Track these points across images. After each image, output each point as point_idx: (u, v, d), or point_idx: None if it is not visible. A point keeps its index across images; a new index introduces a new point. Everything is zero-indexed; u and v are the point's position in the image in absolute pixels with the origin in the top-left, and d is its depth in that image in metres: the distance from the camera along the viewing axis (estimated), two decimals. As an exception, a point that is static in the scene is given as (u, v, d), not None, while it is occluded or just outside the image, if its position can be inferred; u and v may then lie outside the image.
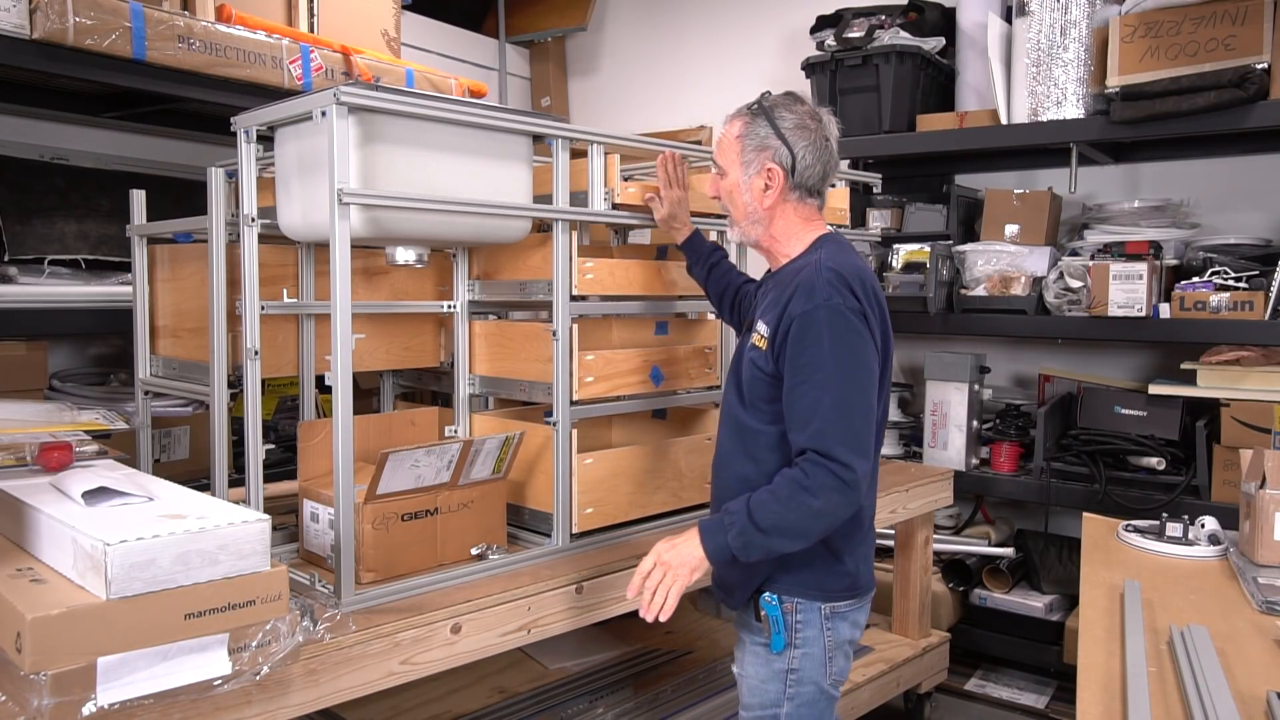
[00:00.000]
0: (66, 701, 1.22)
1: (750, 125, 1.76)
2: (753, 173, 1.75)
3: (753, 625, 1.77)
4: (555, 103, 4.80)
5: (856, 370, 1.61)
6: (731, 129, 1.78)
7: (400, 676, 1.67)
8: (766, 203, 1.76)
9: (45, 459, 1.67)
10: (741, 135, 1.76)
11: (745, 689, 1.80)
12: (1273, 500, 1.94)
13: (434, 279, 2.37)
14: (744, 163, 1.76)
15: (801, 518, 1.58)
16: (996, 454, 3.33)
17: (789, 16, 4.12)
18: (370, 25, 3.18)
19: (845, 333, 1.61)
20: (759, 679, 1.76)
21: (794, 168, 1.73)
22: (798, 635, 1.72)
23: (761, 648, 1.75)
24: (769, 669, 1.74)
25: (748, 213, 1.78)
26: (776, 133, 1.73)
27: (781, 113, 1.75)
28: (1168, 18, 2.87)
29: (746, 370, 1.74)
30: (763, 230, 1.79)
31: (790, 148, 1.73)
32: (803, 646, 1.72)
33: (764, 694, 1.75)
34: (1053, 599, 3.18)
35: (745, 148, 1.75)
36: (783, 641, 1.72)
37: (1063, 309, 3.12)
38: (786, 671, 1.72)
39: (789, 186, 1.74)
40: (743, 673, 1.81)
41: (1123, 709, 1.36)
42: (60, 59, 2.31)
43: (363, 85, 1.83)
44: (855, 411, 1.59)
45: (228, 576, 1.34)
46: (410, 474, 1.85)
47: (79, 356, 3.12)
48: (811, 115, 1.76)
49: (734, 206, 1.80)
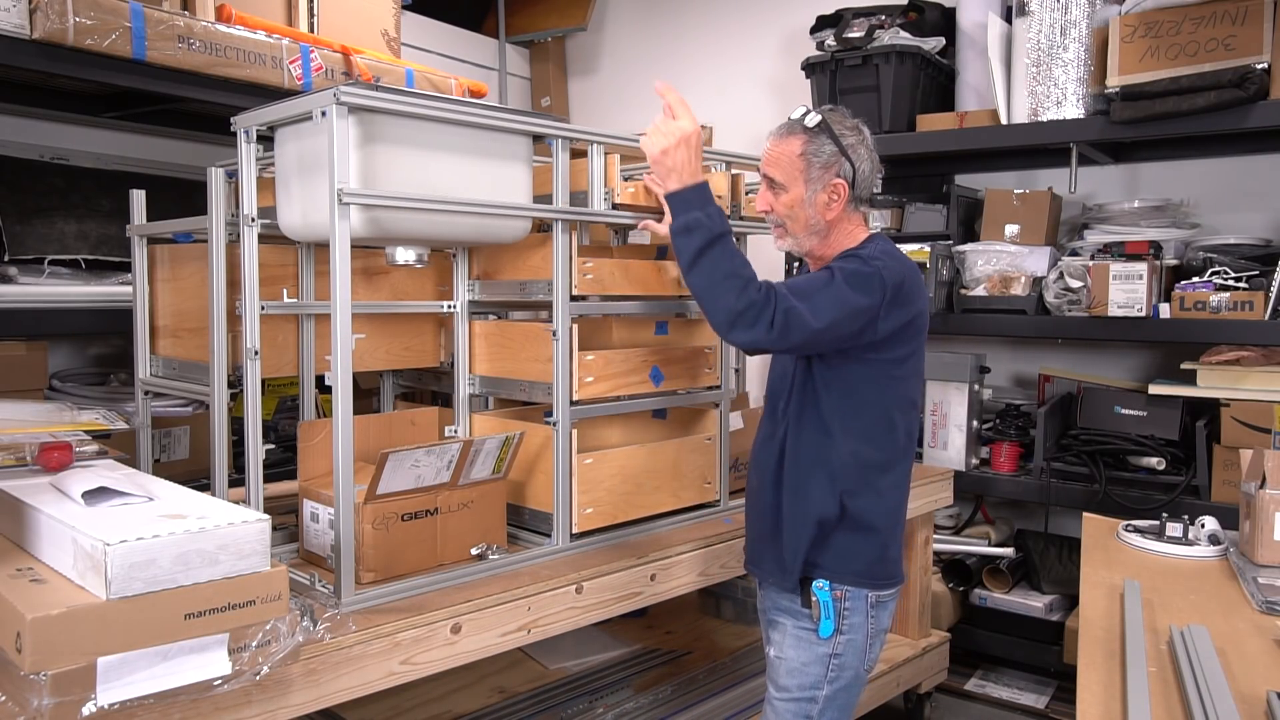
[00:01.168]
0: (66, 701, 1.22)
1: (812, 142, 1.80)
2: (818, 188, 1.80)
3: (797, 610, 1.83)
4: (555, 103, 4.80)
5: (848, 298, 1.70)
6: (790, 146, 1.81)
7: (400, 676, 1.67)
8: (830, 215, 1.82)
9: (45, 459, 1.67)
10: (805, 153, 1.80)
11: (783, 671, 1.84)
12: (1273, 500, 1.94)
13: (434, 279, 2.37)
14: (808, 179, 1.80)
15: (716, 291, 1.69)
16: (996, 454, 3.33)
17: (789, 16, 4.12)
18: (370, 25, 3.18)
19: (862, 280, 1.71)
20: (801, 662, 1.81)
21: (855, 181, 1.81)
22: (845, 622, 1.79)
23: (807, 632, 1.81)
24: (813, 653, 1.80)
25: (809, 225, 1.83)
26: (840, 148, 1.80)
27: (840, 129, 1.81)
28: (1168, 18, 2.87)
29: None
30: (819, 240, 1.86)
31: (852, 162, 1.80)
32: (848, 633, 1.80)
33: (805, 676, 1.81)
34: (1053, 599, 3.18)
35: (811, 165, 1.80)
36: (832, 627, 1.78)
37: (1063, 309, 3.12)
38: (830, 656, 1.80)
39: (850, 198, 1.82)
40: (781, 655, 1.85)
41: (1123, 709, 1.36)
42: (60, 59, 2.31)
43: (363, 85, 1.84)
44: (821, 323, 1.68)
45: (228, 576, 1.34)
46: (410, 474, 1.85)
47: (79, 356, 3.12)
48: (858, 127, 1.85)
49: (794, 220, 1.84)
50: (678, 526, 2.29)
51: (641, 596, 2.10)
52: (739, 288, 1.68)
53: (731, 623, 3.07)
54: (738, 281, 1.69)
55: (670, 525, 2.29)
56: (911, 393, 1.86)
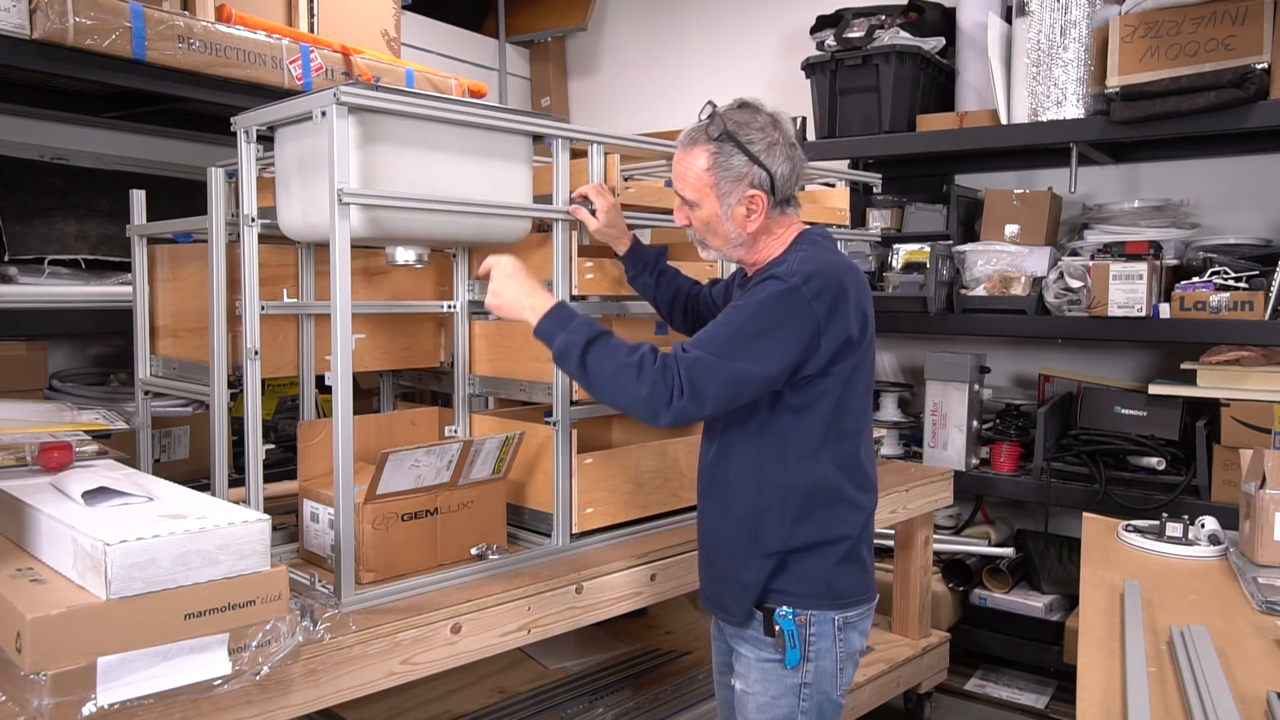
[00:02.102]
0: (66, 701, 1.22)
1: (719, 155, 1.64)
2: (733, 202, 1.66)
3: (760, 640, 1.71)
4: (555, 103, 4.80)
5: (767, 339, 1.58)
6: (695, 160, 1.66)
7: (400, 676, 1.67)
8: (751, 227, 1.68)
9: (45, 459, 1.67)
10: (712, 167, 1.65)
11: (752, 706, 1.72)
12: (1273, 500, 1.94)
13: (434, 279, 2.37)
14: (720, 195, 1.66)
15: (615, 387, 1.60)
16: (996, 454, 3.33)
17: (789, 16, 4.12)
18: (370, 25, 3.18)
19: (782, 308, 1.58)
20: (770, 695, 1.70)
21: (774, 186, 1.66)
22: (811, 648, 1.68)
23: (772, 664, 1.69)
24: (781, 684, 1.69)
25: (730, 239, 1.71)
26: (751, 158, 1.64)
27: (748, 134, 1.64)
28: (1168, 18, 2.87)
29: None
30: (746, 250, 1.73)
31: (767, 168, 1.64)
32: (816, 660, 1.68)
33: (775, 710, 1.70)
34: (1053, 599, 3.18)
35: (720, 180, 1.65)
36: (798, 656, 1.67)
37: (1063, 309, 3.12)
38: (800, 686, 1.68)
39: (771, 205, 1.67)
40: (748, 690, 1.73)
41: (1123, 709, 1.36)
42: (60, 59, 2.31)
43: (363, 85, 1.83)
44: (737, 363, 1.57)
45: (228, 576, 1.34)
46: (410, 474, 1.85)
47: (79, 356, 3.12)
48: (772, 124, 1.67)
49: (714, 235, 1.71)
50: (678, 526, 2.29)
51: (641, 596, 2.10)
52: (634, 375, 1.56)
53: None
54: (630, 370, 1.57)
55: (670, 525, 2.28)
56: (863, 400, 1.72)
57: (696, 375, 1.55)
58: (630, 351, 1.59)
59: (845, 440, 1.69)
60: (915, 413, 3.68)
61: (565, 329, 1.64)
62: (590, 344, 1.61)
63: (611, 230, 2.05)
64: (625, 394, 1.59)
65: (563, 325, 1.65)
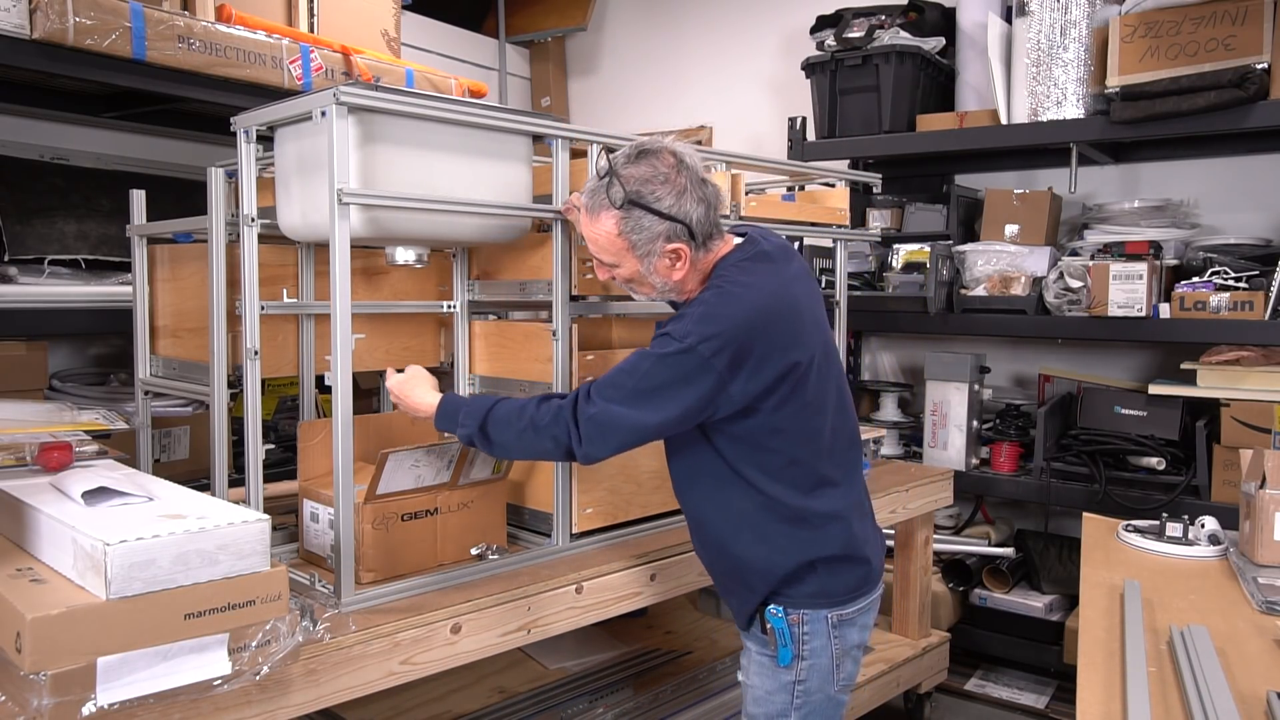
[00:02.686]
0: (66, 701, 1.21)
1: (626, 220, 1.59)
2: (655, 259, 1.62)
3: (758, 636, 1.74)
4: (555, 103, 4.80)
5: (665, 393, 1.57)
6: (604, 226, 1.61)
7: (400, 676, 1.67)
8: (678, 275, 1.65)
9: (45, 459, 1.67)
10: (624, 232, 1.60)
11: (750, 698, 1.78)
12: (1273, 500, 1.94)
13: (434, 279, 2.37)
14: (640, 255, 1.62)
15: (514, 436, 1.66)
16: (996, 454, 3.33)
17: (789, 16, 4.12)
18: (370, 25, 3.18)
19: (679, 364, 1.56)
20: (765, 690, 1.73)
21: (693, 232, 1.61)
22: (804, 647, 1.69)
23: (768, 659, 1.72)
24: (776, 681, 1.71)
25: (659, 288, 1.69)
26: (662, 216, 1.58)
27: (654, 191, 1.58)
28: (1168, 18, 2.87)
29: None
30: (678, 294, 1.71)
31: (682, 220, 1.59)
32: (810, 658, 1.69)
33: (770, 705, 1.73)
34: (1053, 599, 3.18)
35: (635, 242, 1.60)
36: (790, 654, 1.68)
37: (1063, 309, 3.11)
38: (794, 683, 1.70)
39: (695, 248, 1.63)
40: (748, 682, 1.78)
41: (1123, 709, 1.36)
42: (60, 59, 2.31)
43: (363, 85, 1.84)
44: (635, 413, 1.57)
45: (227, 576, 1.34)
46: (410, 474, 1.85)
47: (79, 356, 3.12)
48: (675, 168, 1.61)
49: (642, 286, 1.70)
50: (678, 526, 2.29)
51: (641, 596, 2.10)
52: (533, 435, 1.63)
53: (731, 623, 3.07)
54: (528, 433, 1.63)
55: (670, 525, 2.28)
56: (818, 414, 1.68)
57: (596, 426, 1.59)
58: (519, 414, 1.65)
59: (802, 462, 1.67)
60: (915, 413, 3.68)
61: (458, 421, 1.71)
62: (484, 425, 1.67)
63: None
64: (536, 451, 1.70)
65: (454, 418, 1.72)
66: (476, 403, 1.72)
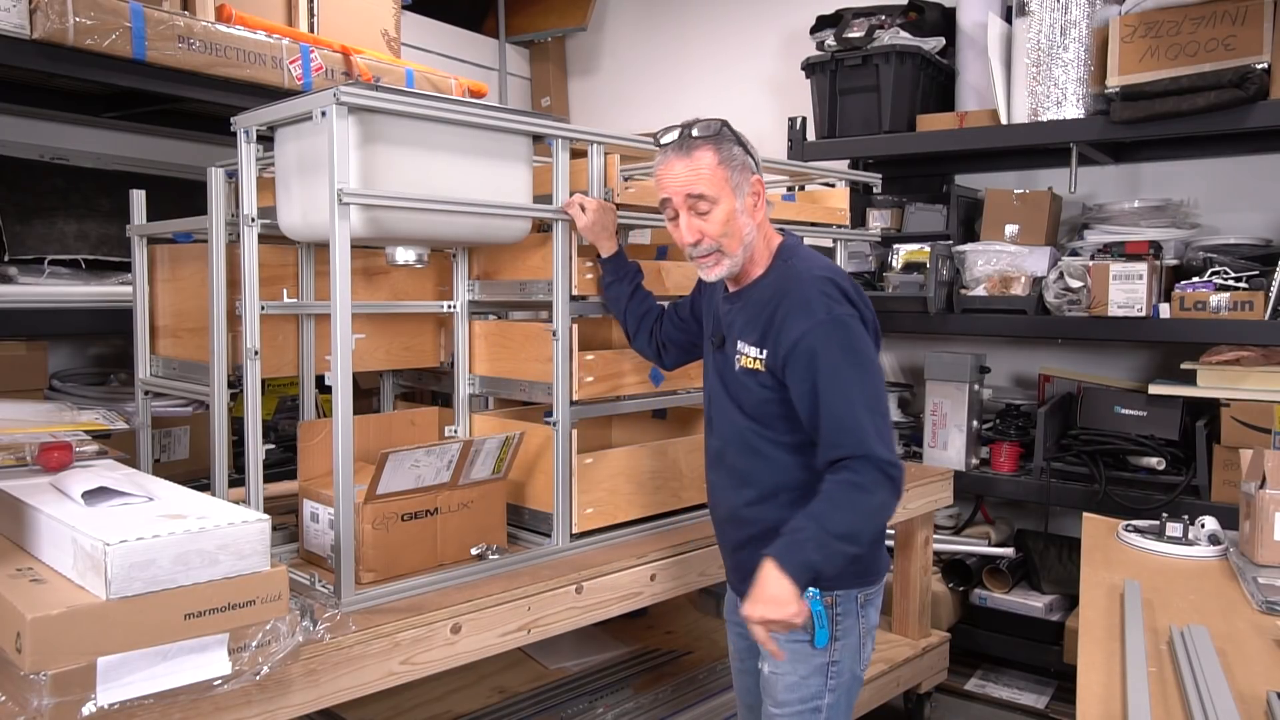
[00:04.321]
0: (66, 701, 1.22)
1: (721, 149, 1.68)
2: (745, 193, 1.69)
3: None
4: (555, 103, 4.79)
5: (871, 372, 1.66)
6: (702, 159, 1.67)
7: (400, 676, 1.67)
8: (759, 217, 1.72)
9: (45, 459, 1.67)
10: (722, 161, 1.67)
11: (781, 686, 1.76)
12: (1273, 500, 1.94)
13: (434, 279, 2.37)
14: (734, 186, 1.68)
15: (868, 517, 1.62)
16: (996, 454, 3.33)
17: (789, 16, 4.12)
18: (370, 25, 3.18)
19: (853, 340, 1.64)
20: (800, 675, 1.75)
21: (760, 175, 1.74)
22: (838, 627, 1.74)
23: (801, 644, 1.73)
24: (810, 664, 1.74)
25: (744, 237, 1.71)
26: (743, 146, 1.71)
27: (728, 128, 1.72)
28: (1168, 18, 2.87)
29: (749, 394, 1.74)
30: (749, 253, 1.74)
31: (754, 156, 1.72)
32: (843, 638, 1.75)
33: (805, 689, 1.75)
34: (1053, 599, 3.18)
35: (731, 171, 1.68)
36: (827, 636, 1.73)
37: (1063, 309, 3.11)
38: (828, 665, 1.74)
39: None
40: (777, 671, 1.77)
41: (1123, 709, 1.36)
42: (60, 59, 2.31)
43: (363, 85, 1.84)
44: (879, 410, 1.65)
45: (227, 576, 1.34)
46: (410, 474, 1.85)
47: (79, 356, 3.12)
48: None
49: (731, 238, 1.70)
50: (677, 526, 2.29)
51: (641, 596, 2.10)
52: (867, 504, 1.60)
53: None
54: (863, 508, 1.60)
55: (670, 525, 2.29)
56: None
57: (872, 450, 1.59)
58: (835, 497, 1.59)
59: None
60: (915, 412, 3.68)
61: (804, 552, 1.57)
62: (823, 531, 1.57)
63: (599, 230, 2.06)
64: (880, 512, 1.65)
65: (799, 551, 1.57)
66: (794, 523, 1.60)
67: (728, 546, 1.90)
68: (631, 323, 2.09)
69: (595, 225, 2.04)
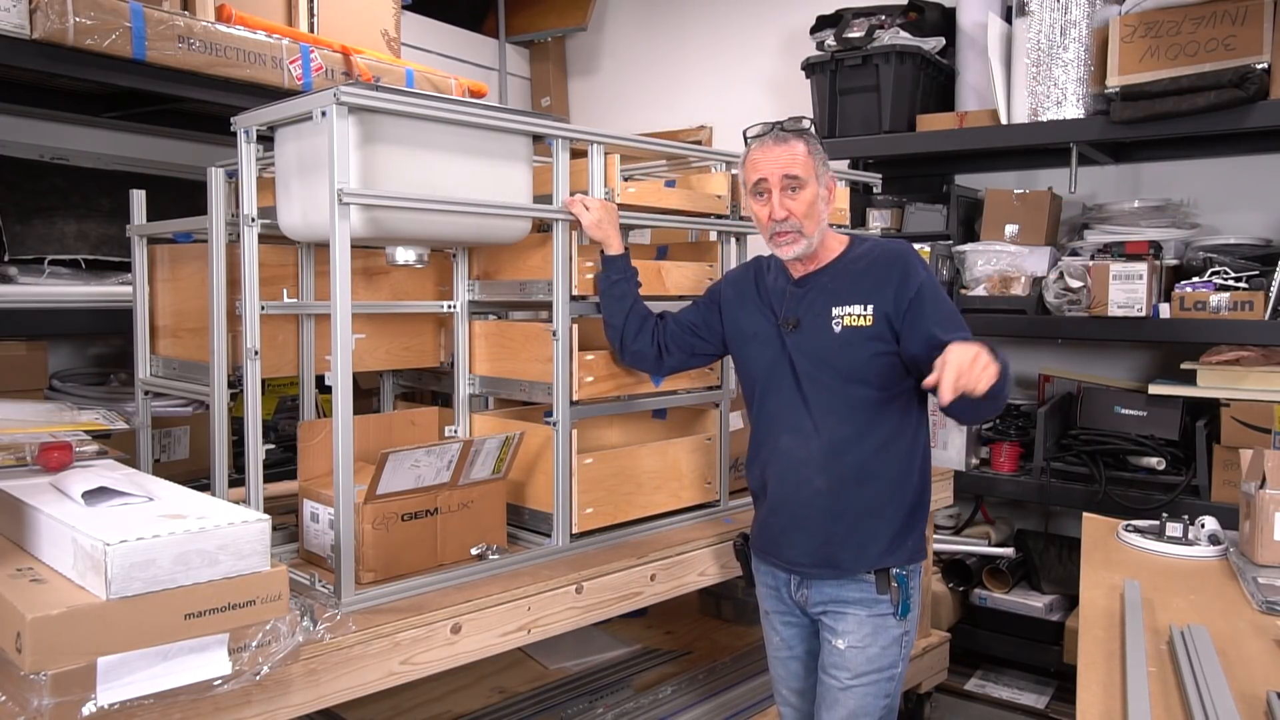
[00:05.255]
0: (66, 701, 1.22)
1: (811, 143, 1.90)
2: (824, 183, 1.90)
3: (871, 599, 1.87)
4: (555, 103, 4.79)
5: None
6: (797, 147, 1.88)
7: (400, 676, 1.67)
8: (830, 208, 1.93)
9: (45, 459, 1.67)
10: (811, 152, 1.89)
11: (862, 659, 1.87)
12: (1273, 500, 1.94)
13: (434, 279, 2.37)
14: (819, 175, 1.89)
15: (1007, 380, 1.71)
16: (996, 454, 3.33)
17: (789, 16, 4.12)
18: (370, 25, 3.18)
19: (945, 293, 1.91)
20: (880, 646, 1.87)
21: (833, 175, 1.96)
22: (911, 599, 1.89)
23: (883, 617, 1.87)
24: (890, 635, 1.88)
25: (820, 223, 1.89)
26: (821, 148, 1.93)
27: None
28: (1168, 18, 2.87)
29: (851, 352, 1.86)
30: (820, 238, 1.91)
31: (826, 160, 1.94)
32: (914, 608, 1.91)
33: (883, 659, 1.87)
34: (1053, 599, 3.18)
35: (817, 162, 1.89)
36: (908, 606, 1.88)
37: (1063, 309, 3.11)
38: (903, 635, 1.90)
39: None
40: (857, 644, 1.87)
41: (1123, 709, 1.36)
42: (60, 59, 2.31)
43: (363, 85, 1.84)
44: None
45: (228, 576, 1.34)
46: (410, 474, 1.85)
47: (79, 356, 3.12)
48: None
49: (811, 220, 1.87)
50: (678, 526, 2.29)
51: (641, 596, 2.10)
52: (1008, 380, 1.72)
53: (731, 623, 3.07)
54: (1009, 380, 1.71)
55: (670, 525, 2.29)
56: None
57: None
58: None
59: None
60: (915, 413, 3.67)
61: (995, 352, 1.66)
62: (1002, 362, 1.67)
63: (604, 228, 2.07)
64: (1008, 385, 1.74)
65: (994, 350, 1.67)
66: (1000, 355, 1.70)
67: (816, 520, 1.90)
68: (634, 324, 2.10)
69: (602, 222, 2.06)
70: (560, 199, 2.05)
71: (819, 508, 1.89)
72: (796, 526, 1.92)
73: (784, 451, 1.92)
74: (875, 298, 1.85)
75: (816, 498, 1.89)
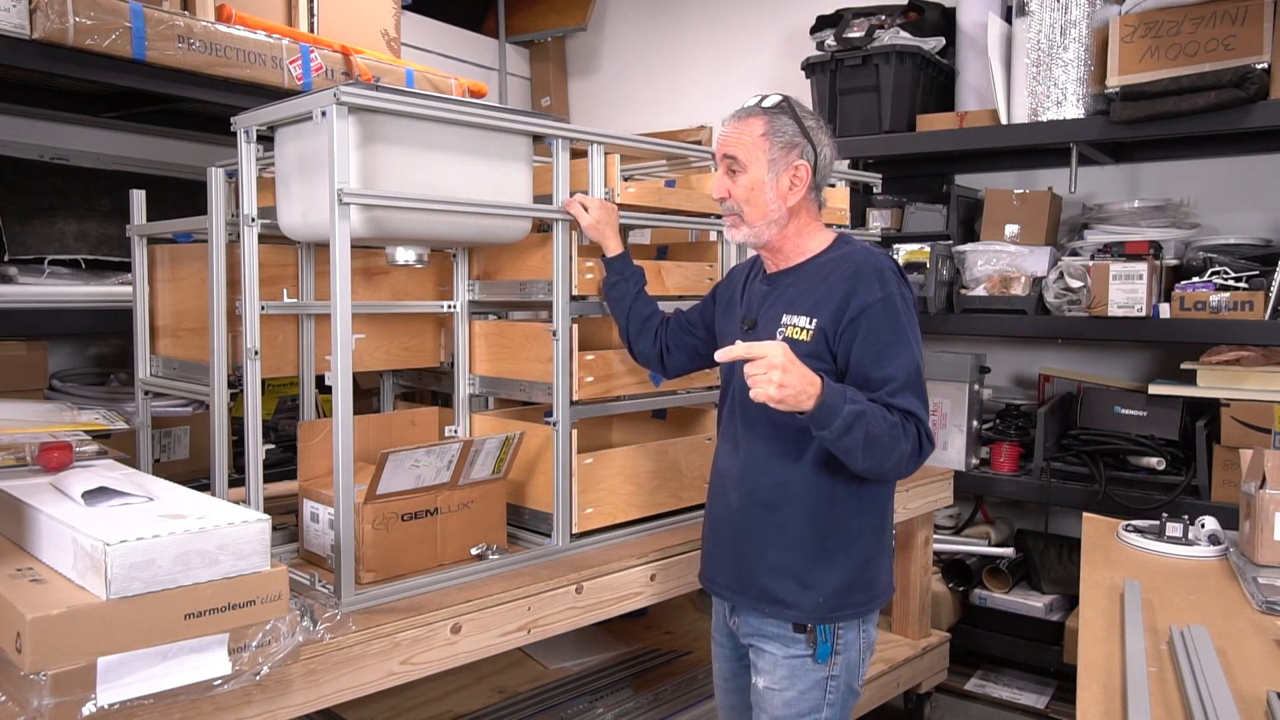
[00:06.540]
0: (66, 701, 1.22)
1: (774, 122, 1.72)
2: (779, 170, 1.72)
3: (788, 637, 1.75)
4: (555, 103, 4.79)
5: (921, 357, 1.70)
6: (751, 126, 1.73)
7: (400, 676, 1.67)
8: (790, 201, 1.73)
9: (45, 459, 1.67)
10: (767, 133, 1.72)
11: (779, 702, 1.75)
12: (1273, 500, 1.94)
13: (434, 279, 2.37)
14: (769, 160, 1.71)
15: (891, 451, 1.59)
16: (996, 454, 3.33)
17: (789, 16, 4.12)
18: (370, 25, 3.18)
19: (913, 320, 1.70)
20: (799, 690, 1.74)
21: (816, 166, 1.74)
22: (839, 641, 1.75)
23: (801, 659, 1.74)
24: (809, 679, 1.74)
25: (767, 213, 1.73)
26: (802, 129, 1.73)
27: (801, 111, 1.76)
28: (1168, 18, 2.87)
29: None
30: (778, 230, 1.75)
31: (814, 145, 1.74)
32: (843, 652, 1.75)
33: (803, 704, 1.74)
34: (1053, 599, 3.18)
35: (773, 144, 1.71)
36: (828, 650, 1.73)
37: (1063, 309, 3.11)
38: (828, 679, 1.75)
39: (811, 184, 1.75)
40: (773, 686, 1.76)
41: (1123, 709, 1.36)
42: (60, 59, 2.31)
43: (363, 85, 1.83)
44: (923, 384, 1.69)
45: (228, 576, 1.34)
46: (410, 474, 1.85)
47: (79, 356, 3.12)
48: (818, 116, 1.80)
49: (752, 206, 1.73)
50: (678, 526, 2.29)
51: (641, 596, 2.10)
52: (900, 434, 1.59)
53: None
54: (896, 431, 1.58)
55: (670, 525, 2.29)
56: None
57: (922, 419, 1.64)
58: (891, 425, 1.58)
59: None
60: (915, 413, 3.67)
61: (844, 404, 1.54)
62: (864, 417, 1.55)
63: (603, 228, 2.05)
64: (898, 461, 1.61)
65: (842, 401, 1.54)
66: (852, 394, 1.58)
67: (730, 539, 1.82)
68: (635, 324, 2.08)
69: (600, 223, 2.04)
70: (560, 199, 2.05)
71: (732, 525, 1.81)
72: (717, 543, 1.87)
73: (717, 462, 1.89)
74: (820, 311, 1.68)
75: (730, 514, 1.81)
